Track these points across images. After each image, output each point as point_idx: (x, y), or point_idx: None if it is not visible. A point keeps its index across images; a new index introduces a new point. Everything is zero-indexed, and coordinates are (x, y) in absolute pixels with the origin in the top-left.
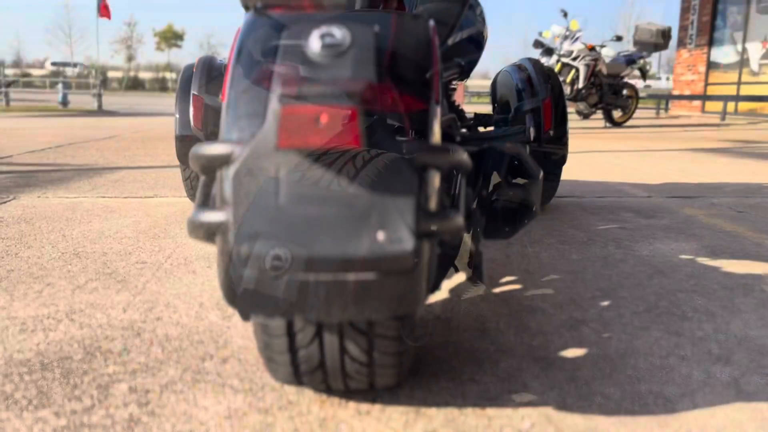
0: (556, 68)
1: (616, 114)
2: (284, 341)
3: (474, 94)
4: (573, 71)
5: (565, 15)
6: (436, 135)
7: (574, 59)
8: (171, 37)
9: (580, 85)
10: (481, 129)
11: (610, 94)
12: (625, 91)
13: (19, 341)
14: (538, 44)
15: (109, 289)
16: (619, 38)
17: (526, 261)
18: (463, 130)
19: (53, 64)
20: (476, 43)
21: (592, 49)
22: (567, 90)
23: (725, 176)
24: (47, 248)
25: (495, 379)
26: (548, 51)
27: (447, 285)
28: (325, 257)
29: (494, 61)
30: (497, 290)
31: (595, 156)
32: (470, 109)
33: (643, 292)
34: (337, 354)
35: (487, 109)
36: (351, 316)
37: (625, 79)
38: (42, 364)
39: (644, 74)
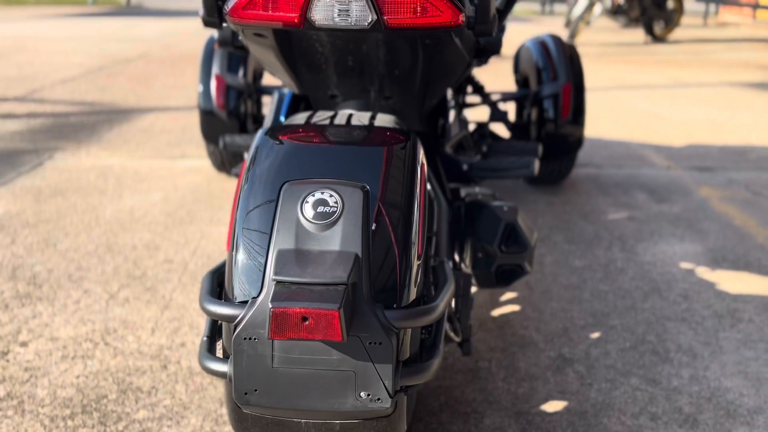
0: None
1: (658, 28)
2: None
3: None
4: None
5: None
6: (413, 294)
7: None
8: None
9: None
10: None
11: (653, 6)
12: (669, 3)
13: (61, 372)
14: None
15: (139, 300)
16: None
17: None
18: (475, 158)
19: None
20: (493, 46)
21: None
22: (607, 3)
23: (755, 132)
24: (82, 237)
25: None
26: None
27: None
28: (314, 410)
29: None
30: (496, 312)
31: (626, 97)
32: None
33: (635, 319)
34: None
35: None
36: None
37: None
38: (82, 406)
39: None
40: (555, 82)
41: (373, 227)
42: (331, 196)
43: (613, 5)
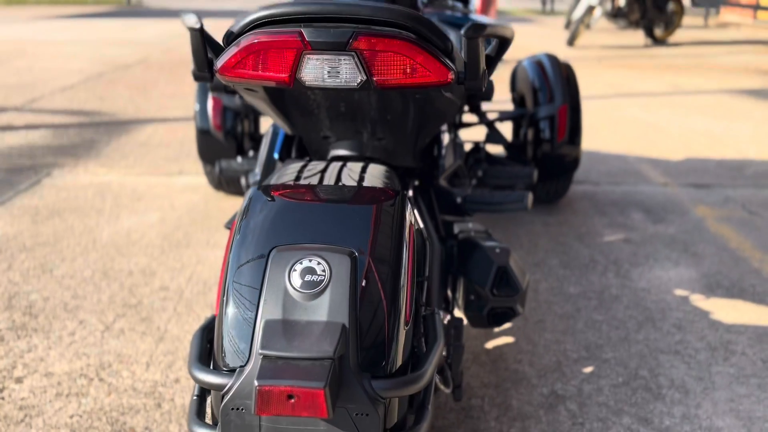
0: None
1: (658, 30)
2: None
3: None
4: None
5: None
6: (401, 359)
7: None
8: None
9: (622, 2)
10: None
11: (654, 9)
12: (670, 5)
13: (56, 411)
14: None
15: (134, 331)
16: None
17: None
18: (471, 185)
19: None
20: (485, 94)
21: None
22: (607, 6)
23: (753, 145)
24: (79, 261)
25: None
26: None
27: None
28: None
29: None
30: (490, 345)
31: (624, 105)
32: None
33: (628, 352)
34: None
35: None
36: None
37: None
38: None
39: None
40: (551, 104)
41: (360, 295)
42: (318, 263)
43: (614, 8)
